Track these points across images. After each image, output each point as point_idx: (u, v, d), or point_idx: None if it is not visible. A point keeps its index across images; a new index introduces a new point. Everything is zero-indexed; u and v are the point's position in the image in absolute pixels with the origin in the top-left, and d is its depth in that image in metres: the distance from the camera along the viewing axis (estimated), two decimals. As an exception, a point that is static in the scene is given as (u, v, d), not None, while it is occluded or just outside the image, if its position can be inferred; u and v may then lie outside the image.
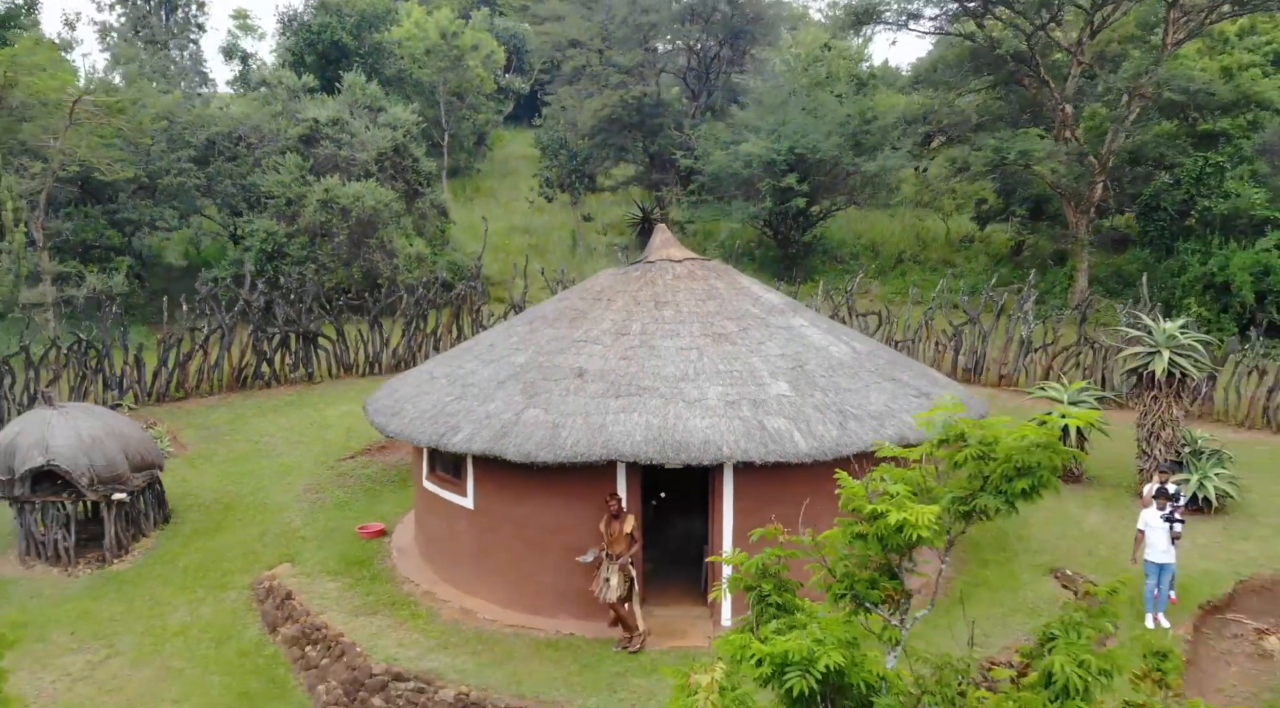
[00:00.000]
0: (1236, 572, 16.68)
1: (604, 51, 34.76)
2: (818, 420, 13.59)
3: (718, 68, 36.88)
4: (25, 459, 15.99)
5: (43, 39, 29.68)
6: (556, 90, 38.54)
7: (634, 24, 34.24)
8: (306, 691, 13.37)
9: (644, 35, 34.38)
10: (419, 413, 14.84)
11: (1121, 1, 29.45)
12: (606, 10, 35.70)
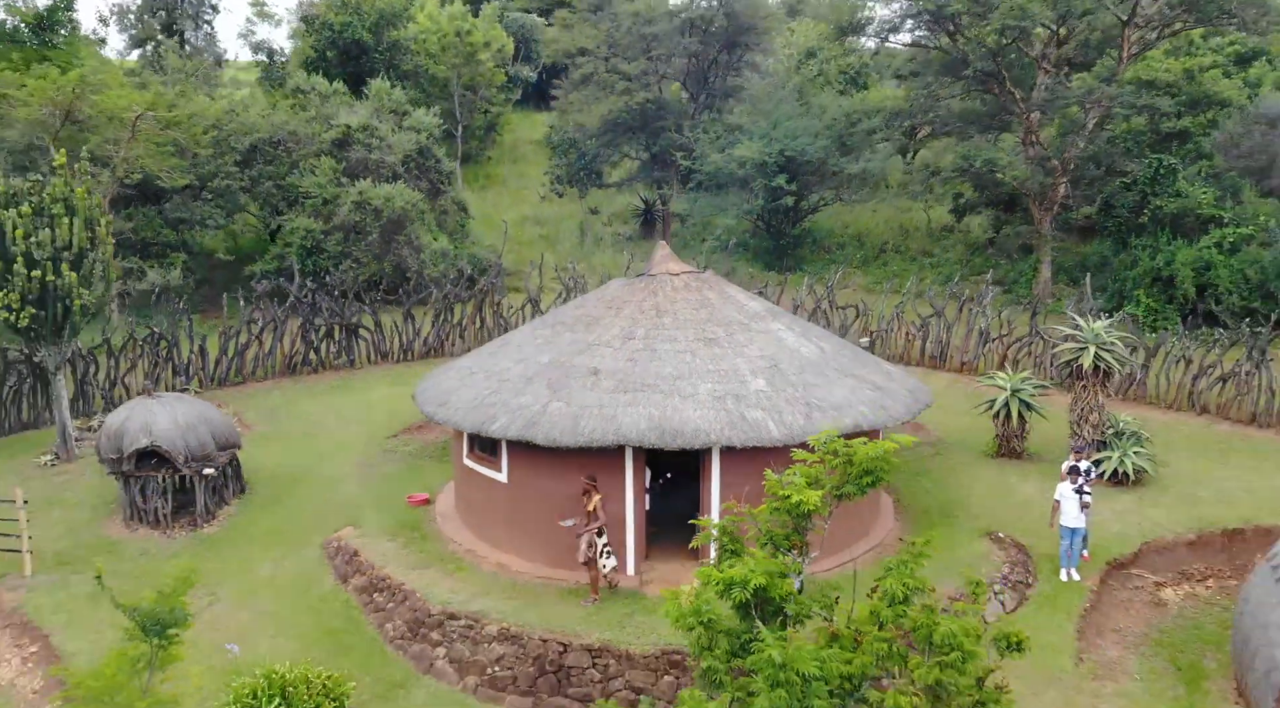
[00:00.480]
0: (1144, 535, 19.74)
1: (610, 59, 37.47)
2: (788, 411, 16.62)
3: (715, 73, 39.57)
4: (133, 441, 19.07)
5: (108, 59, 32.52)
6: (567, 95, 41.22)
7: (638, 34, 36.93)
8: (376, 628, 16.53)
9: (647, 44, 37.07)
10: (462, 403, 17.89)
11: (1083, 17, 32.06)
12: (613, 20, 38.38)
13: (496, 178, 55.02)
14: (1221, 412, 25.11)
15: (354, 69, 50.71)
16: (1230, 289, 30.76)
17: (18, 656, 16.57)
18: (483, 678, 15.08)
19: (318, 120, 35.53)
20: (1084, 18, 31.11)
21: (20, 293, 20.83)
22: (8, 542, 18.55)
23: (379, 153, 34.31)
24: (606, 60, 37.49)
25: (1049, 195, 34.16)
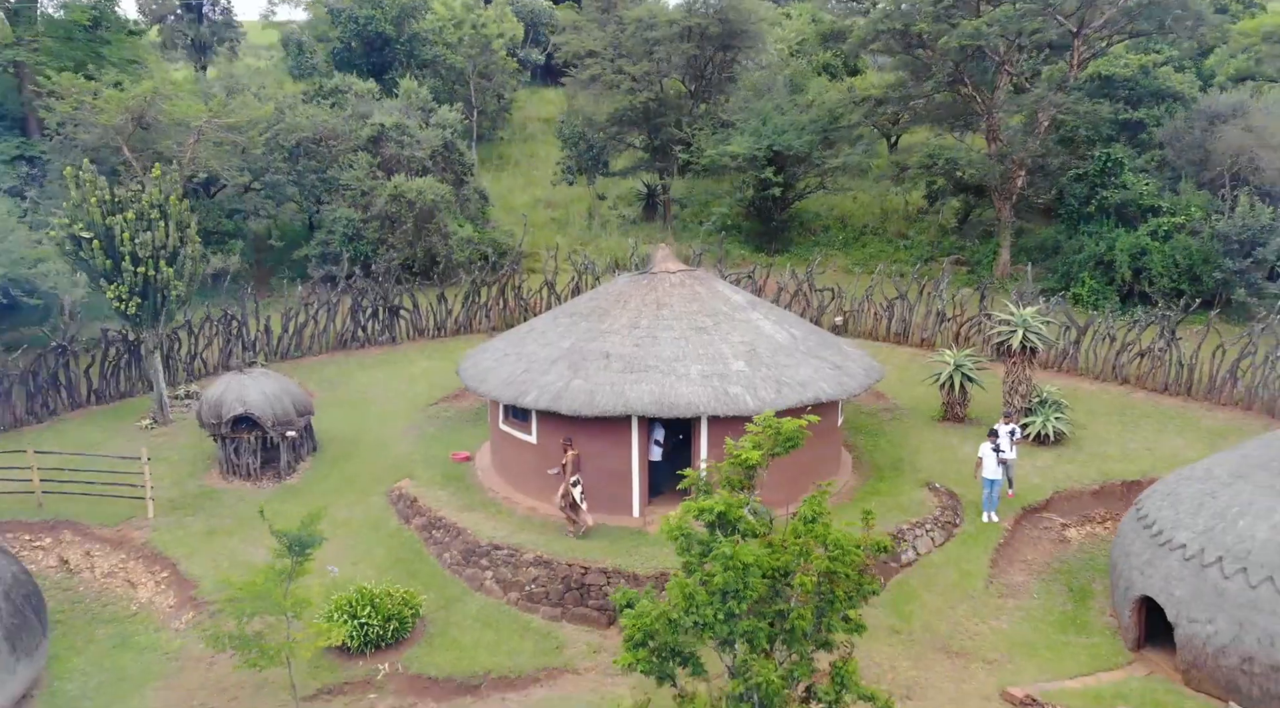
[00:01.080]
0: (1056, 485, 23.84)
1: (615, 60, 41.06)
2: (762, 387, 20.63)
3: (711, 72, 43.14)
4: (230, 409, 23.16)
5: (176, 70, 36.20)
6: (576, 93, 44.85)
7: (641, 38, 40.45)
8: (436, 557, 20.69)
9: (649, 47, 40.61)
10: (499, 380, 21.92)
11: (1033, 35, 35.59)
12: (618, 23, 41.91)
13: (509, 158, 58.53)
14: (1139, 382, 29.11)
15: (377, 59, 54.19)
16: (1161, 273, 34.62)
17: (152, 580, 20.78)
18: (522, 594, 19.27)
19: (354, 118, 39.23)
20: (1034, 35, 34.65)
21: (129, 286, 24.82)
22: (133, 491, 22.71)
23: (410, 149, 38.08)
24: (613, 61, 41.11)
25: (1009, 186, 37.91)
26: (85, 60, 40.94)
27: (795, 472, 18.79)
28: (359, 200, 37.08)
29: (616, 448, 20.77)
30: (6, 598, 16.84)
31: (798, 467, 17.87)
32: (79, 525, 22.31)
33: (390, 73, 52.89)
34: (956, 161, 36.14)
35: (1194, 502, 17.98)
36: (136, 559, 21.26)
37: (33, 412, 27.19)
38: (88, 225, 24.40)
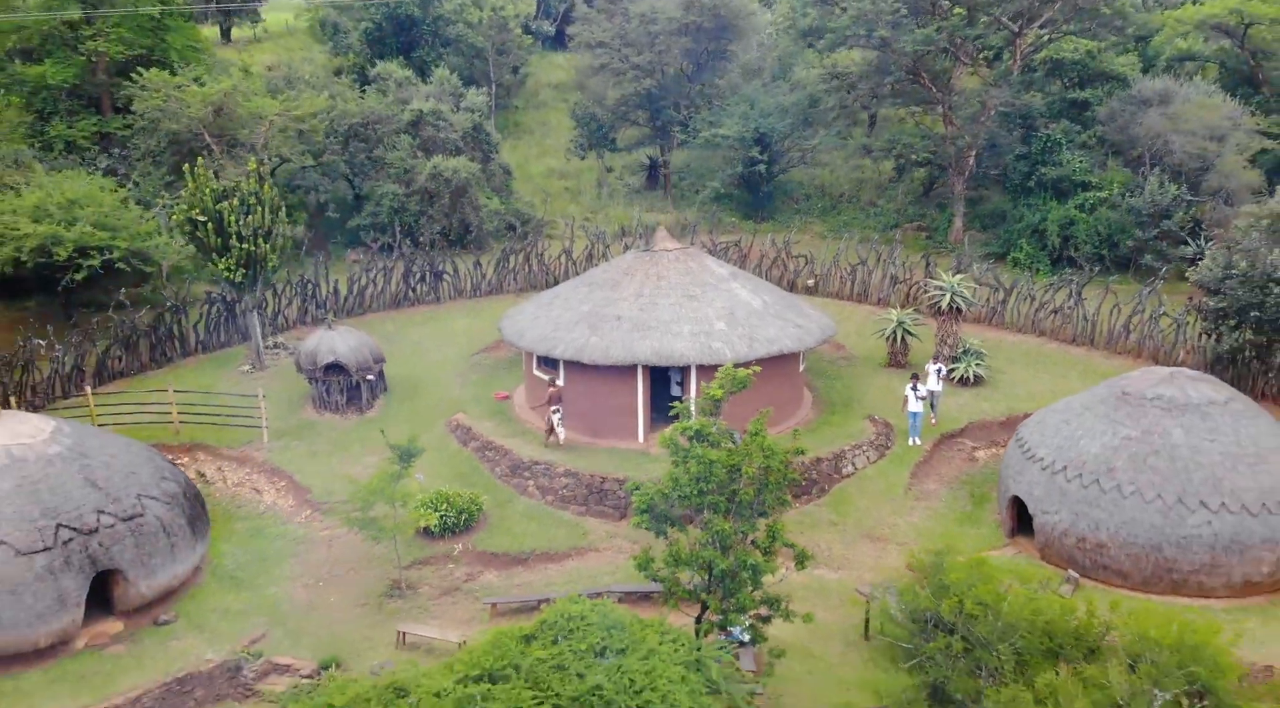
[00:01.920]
0: (970, 417, 29.84)
1: (622, 50, 46.32)
2: (738, 343, 26.55)
3: (706, 61, 48.38)
4: (323, 357, 29.16)
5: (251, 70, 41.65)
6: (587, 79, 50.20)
7: (644, 31, 45.68)
8: (489, 471, 26.79)
9: (651, 40, 45.84)
10: (534, 336, 27.83)
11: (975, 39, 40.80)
12: (625, 16, 47.08)
13: (524, 127, 63.73)
14: (1052, 335, 35.00)
15: (405, 38, 59.25)
16: (1085, 240, 40.30)
17: (273, 488, 26.95)
18: (556, 496, 25.45)
19: (395, 103, 44.60)
20: (977, 40, 39.89)
21: (235, 259, 30.69)
22: (250, 421, 28.82)
23: (444, 132, 43.55)
24: (619, 50, 46.39)
25: (962, 164, 43.43)
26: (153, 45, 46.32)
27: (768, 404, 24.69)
28: (402, 177, 42.69)
29: (626, 389, 26.79)
30: (185, 497, 23.05)
31: (768, 401, 23.86)
32: (210, 448, 28.48)
33: (417, 51, 58.01)
34: (913, 147, 41.67)
35: (1054, 428, 24.03)
36: (259, 473, 27.45)
37: (154, 359, 33.25)
38: (203, 211, 30.22)
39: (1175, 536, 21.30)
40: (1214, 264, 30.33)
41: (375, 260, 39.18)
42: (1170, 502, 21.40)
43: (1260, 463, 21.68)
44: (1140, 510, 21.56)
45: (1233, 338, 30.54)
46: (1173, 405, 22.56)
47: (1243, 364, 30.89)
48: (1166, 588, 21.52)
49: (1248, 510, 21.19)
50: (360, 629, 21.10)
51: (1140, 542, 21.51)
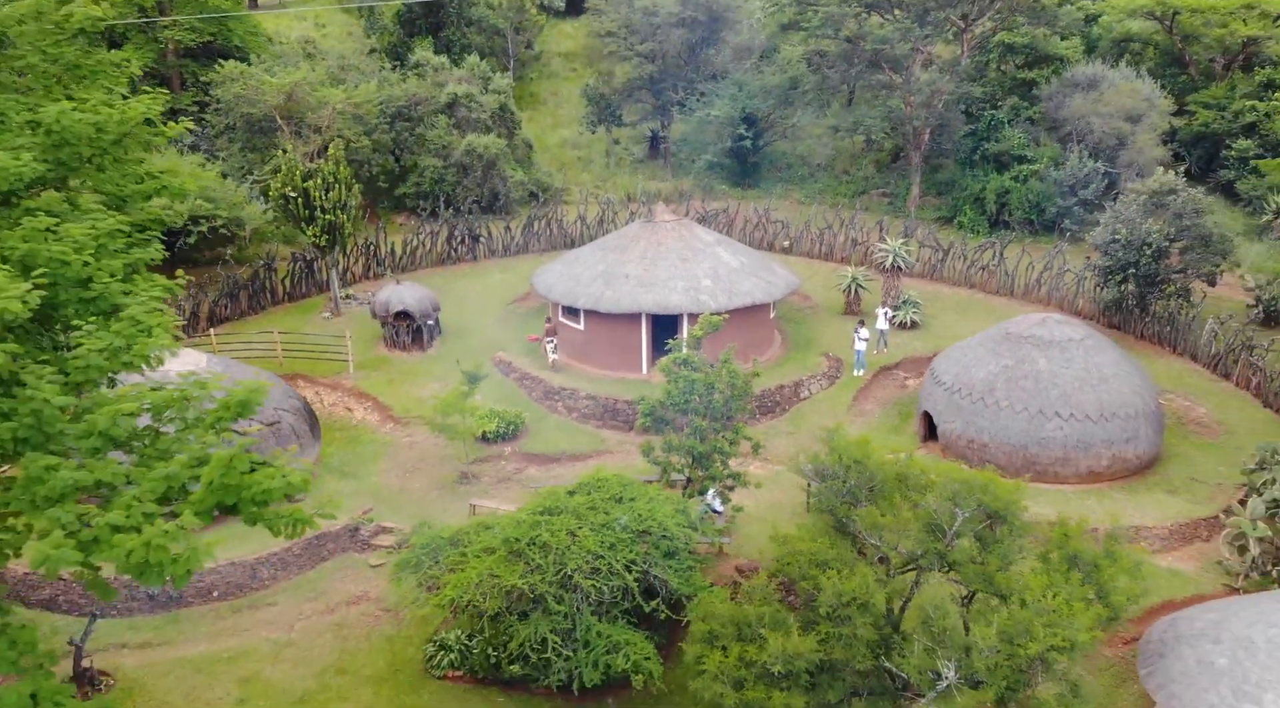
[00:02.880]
0: (905, 353, 37.11)
1: (628, 38, 52.85)
2: (720, 295, 33.72)
3: (701, 47, 54.89)
4: (394, 306, 36.39)
5: (316, 64, 48.33)
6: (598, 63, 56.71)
7: (647, 22, 52.22)
8: (527, 395, 34.11)
9: (654, 29, 52.36)
10: (560, 291, 35.01)
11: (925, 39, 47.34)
12: (630, 7, 53.55)
13: (538, 97, 70.07)
14: (980, 287, 42.14)
15: (434, 19, 65.57)
16: (1018, 207, 47.25)
17: (362, 407, 34.33)
18: (580, 414, 32.86)
19: (434, 86, 51.18)
20: (925, 39, 46.46)
21: (320, 227, 37.81)
22: (338, 356, 36.16)
23: (476, 112, 50.24)
24: (625, 39, 52.92)
25: (918, 140, 50.18)
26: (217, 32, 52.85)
27: (745, 343, 31.95)
28: (440, 151, 49.50)
29: (633, 333, 34.04)
30: (304, 410, 30.49)
31: (745, 340, 31.21)
32: (308, 377, 35.84)
33: (444, 31, 64.29)
34: (871, 127, 48.48)
35: (955, 360, 31.33)
36: (349, 396, 34.84)
37: (251, 307, 40.52)
38: (293, 188, 37.26)
39: (1037, 437, 28.72)
40: (1104, 230, 37.43)
41: (423, 225, 46.25)
42: (1034, 413, 28.79)
43: (1102, 384, 29.02)
44: (1012, 420, 28.95)
45: (1117, 290, 37.75)
46: (1041, 342, 29.85)
47: (1126, 310, 38.14)
48: (1032, 477, 28.94)
49: (1090, 419, 28.58)
50: (439, 505, 28.56)
51: (1012, 442, 28.93)
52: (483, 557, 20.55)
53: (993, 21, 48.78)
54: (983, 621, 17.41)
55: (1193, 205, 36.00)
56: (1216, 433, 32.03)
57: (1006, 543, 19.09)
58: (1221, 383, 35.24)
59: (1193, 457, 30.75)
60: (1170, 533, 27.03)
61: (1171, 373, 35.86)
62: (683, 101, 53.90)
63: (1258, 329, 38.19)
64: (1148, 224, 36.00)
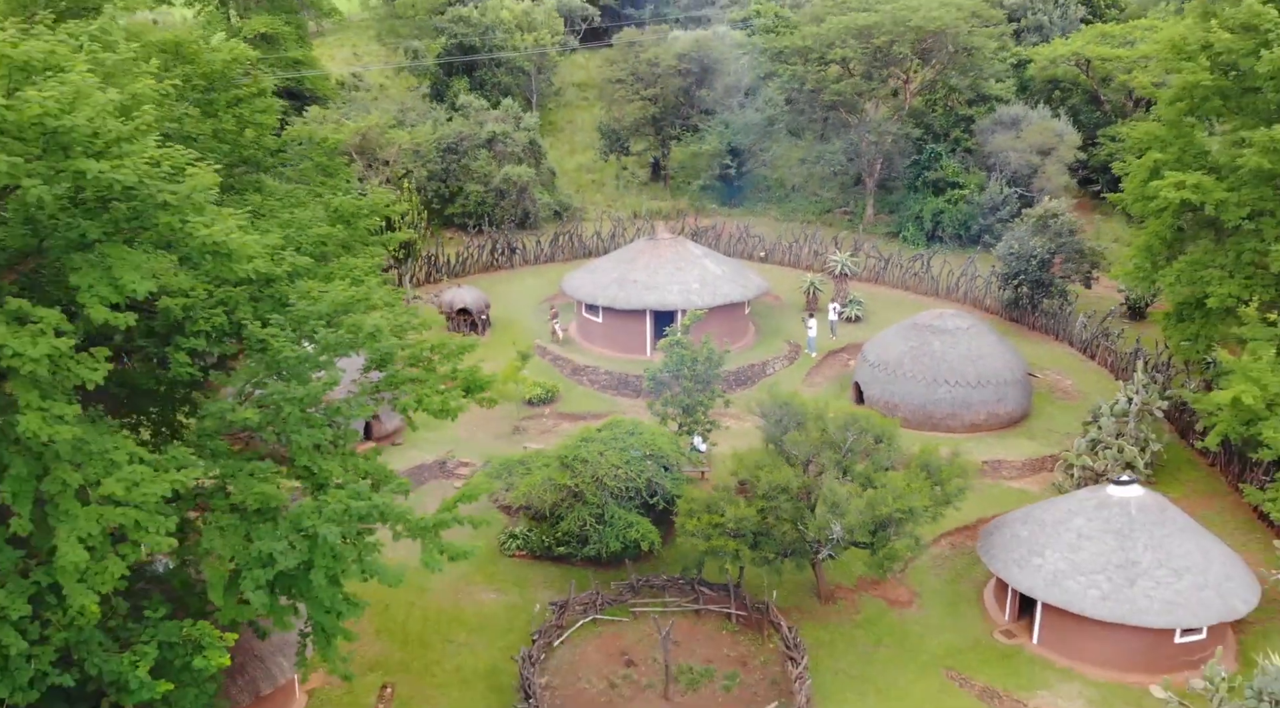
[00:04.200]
0: (849, 340, 47.28)
1: (634, 84, 63.06)
2: (706, 296, 43.86)
3: (694, 90, 65.10)
4: (456, 304, 46.58)
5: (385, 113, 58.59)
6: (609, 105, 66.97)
7: (650, 71, 62.44)
8: (559, 372, 44.33)
9: (656, 77, 62.58)
10: (584, 292, 45.22)
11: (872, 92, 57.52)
12: (636, 58, 63.75)
13: (556, 125, 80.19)
14: (912, 289, 52.32)
15: (469, 60, 75.84)
16: (949, 225, 57.35)
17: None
18: (599, 385, 43.08)
19: (474, 123, 61.30)
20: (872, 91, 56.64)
21: (398, 243, 48.00)
22: (414, 343, 46.36)
23: (510, 146, 60.40)
24: (631, 85, 63.15)
25: (871, 168, 60.32)
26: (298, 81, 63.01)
27: (725, 332, 42.07)
28: (482, 179, 59.71)
29: (639, 324, 44.19)
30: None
31: (726, 330, 41.43)
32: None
33: (478, 71, 74.52)
34: (830, 160, 58.78)
35: (879, 343, 41.50)
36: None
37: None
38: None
39: (932, 399, 38.92)
40: (1004, 244, 47.60)
41: (470, 239, 56.53)
42: (929, 381, 38.99)
43: (980, 360, 39.18)
44: (914, 386, 39.14)
45: (1014, 291, 47.92)
46: (937, 330, 40.03)
47: (1021, 307, 48.30)
48: (929, 427, 39.06)
49: (970, 385, 38.77)
50: (500, 448, 38.58)
51: (915, 403, 39.11)
52: (544, 467, 30.87)
53: (932, 71, 58.97)
54: (858, 498, 27.66)
55: (1069, 226, 46.14)
56: (1075, 398, 42.19)
57: (883, 454, 29.32)
58: (1088, 362, 45.42)
59: (1054, 415, 40.94)
60: (1023, 465, 37.28)
61: (1052, 355, 46.06)
62: (679, 136, 64.14)
63: (1126, 322, 48.39)
64: (1035, 241, 46.16)
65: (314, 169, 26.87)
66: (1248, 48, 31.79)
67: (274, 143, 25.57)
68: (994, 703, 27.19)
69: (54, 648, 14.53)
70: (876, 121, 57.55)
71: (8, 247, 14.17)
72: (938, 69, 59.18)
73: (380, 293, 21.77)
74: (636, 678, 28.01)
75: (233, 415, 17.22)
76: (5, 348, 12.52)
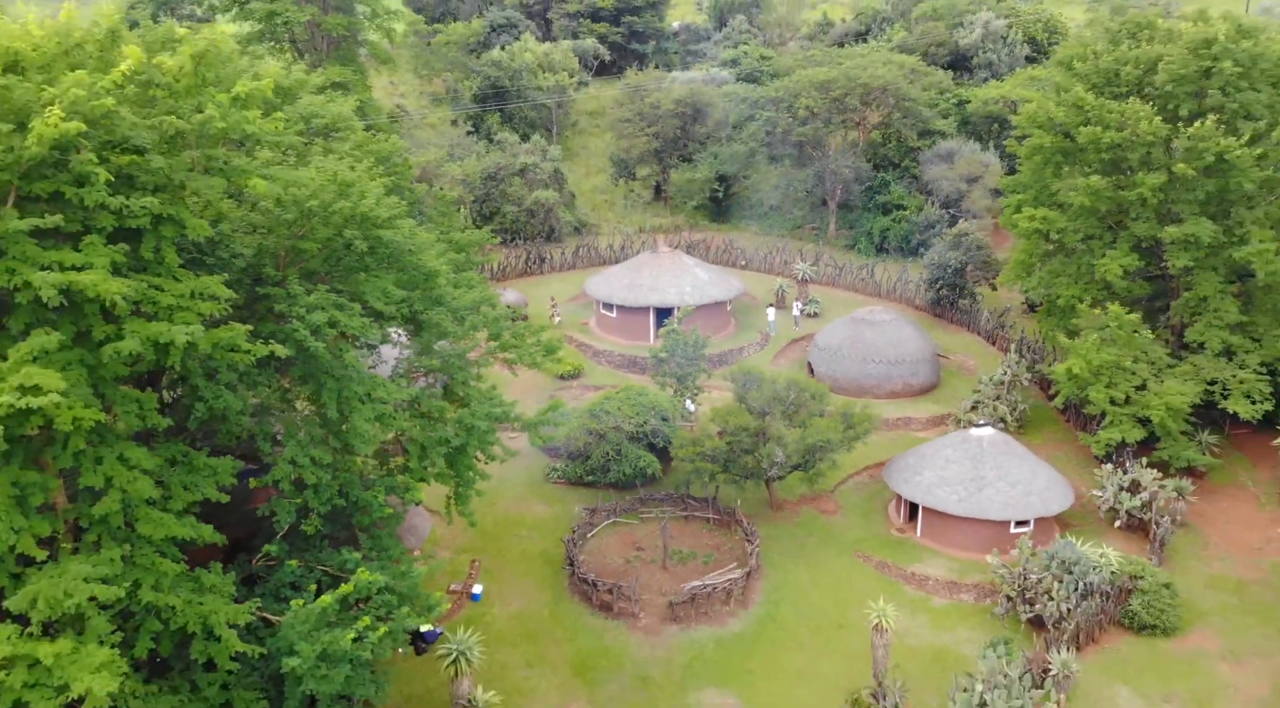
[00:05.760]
0: (809, 331, 59.37)
1: (638, 123, 75.21)
2: (696, 295, 55.95)
3: (689, 125, 77.26)
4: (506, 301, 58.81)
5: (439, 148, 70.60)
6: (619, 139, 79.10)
7: (652, 113, 74.58)
8: (584, 355, 56.51)
9: (657, 117, 74.72)
10: (602, 293, 57.29)
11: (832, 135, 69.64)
12: (641, 100, 75.83)
13: (571, 151, 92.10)
14: (860, 290, 64.46)
15: (500, 99, 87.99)
16: (894, 240, 69.40)
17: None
18: (614, 364, 55.17)
19: (509, 156, 73.33)
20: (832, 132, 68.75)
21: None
22: (471, 333, 58.67)
23: (538, 175, 72.45)
24: (636, 123, 75.30)
25: (832, 193, 72.42)
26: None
27: (711, 325, 54.13)
28: (516, 201, 71.82)
29: (645, 318, 56.31)
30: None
31: (712, 324, 53.60)
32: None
33: (507, 107, 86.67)
34: (798, 187, 70.97)
35: (826, 332, 53.64)
36: (479, 356, 57.35)
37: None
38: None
39: (863, 373, 51.06)
40: (928, 256, 59.75)
41: (509, 251, 68.72)
42: (861, 360, 51.13)
43: (899, 344, 51.29)
44: (851, 364, 51.28)
45: (936, 293, 60.08)
46: (868, 322, 52.15)
47: (942, 305, 60.44)
48: (861, 394, 50.96)
49: (891, 363, 50.91)
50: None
51: (850, 376, 51.24)
52: (578, 419, 43.10)
53: (880, 115, 71.07)
54: (795, 432, 39.81)
55: (977, 243, 58.24)
56: (975, 373, 54.33)
57: (814, 406, 41.50)
58: (989, 347, 57.48)
59: (957, 386, 53.04)
60: (927, 421, 49.37)
61: (963, 342, 58.15)
62: (677, 164, 76.32)
63: (1026, 317, 60.48)
64: (951, 254, 58.30)
65: (437, 213, 39.03)
66: (1077, 122, 43.92)
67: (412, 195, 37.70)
68: (886, 571, 39.36)
69: (338, 484, 26.52)
70: (837, 155, 69.70)
71: (314, 271, 26.23)
72: (884, 114, 71.29)
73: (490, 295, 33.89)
74: (644, 557, 40.19)
75: (422, 362, 29.41)
76: (342, 324, 24.51)
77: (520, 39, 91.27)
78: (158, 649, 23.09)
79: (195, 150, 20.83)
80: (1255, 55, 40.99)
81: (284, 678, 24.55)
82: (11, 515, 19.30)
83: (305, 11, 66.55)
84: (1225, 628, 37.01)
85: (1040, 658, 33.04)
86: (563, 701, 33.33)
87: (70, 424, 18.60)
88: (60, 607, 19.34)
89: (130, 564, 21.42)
